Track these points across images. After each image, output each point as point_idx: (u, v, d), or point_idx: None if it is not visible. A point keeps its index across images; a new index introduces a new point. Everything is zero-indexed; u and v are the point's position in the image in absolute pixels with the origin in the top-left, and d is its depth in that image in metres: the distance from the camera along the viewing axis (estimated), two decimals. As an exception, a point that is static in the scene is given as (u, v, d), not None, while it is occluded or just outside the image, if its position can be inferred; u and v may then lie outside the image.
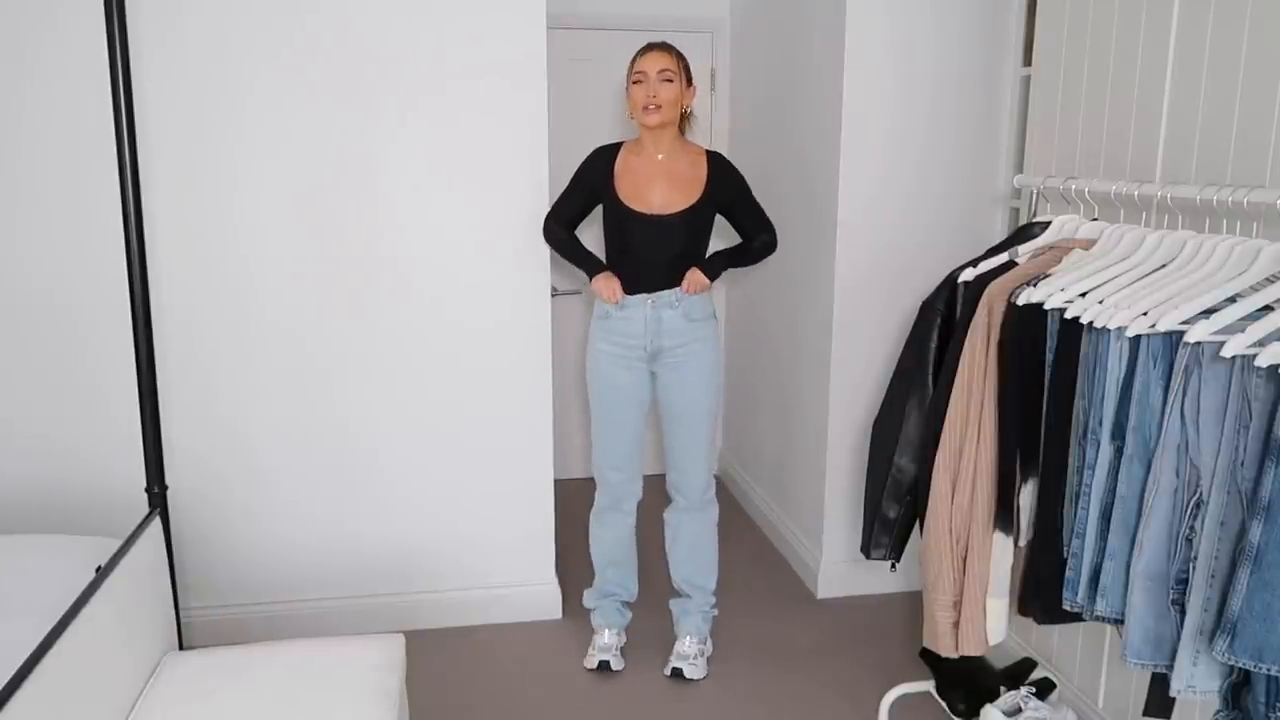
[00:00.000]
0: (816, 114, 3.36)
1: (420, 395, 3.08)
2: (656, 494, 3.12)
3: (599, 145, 2.89)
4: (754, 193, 2.88)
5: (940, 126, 3.20)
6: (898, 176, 3.21)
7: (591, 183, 2.83)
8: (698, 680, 2.93)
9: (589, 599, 3.12)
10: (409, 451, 3.10)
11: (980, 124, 3.22)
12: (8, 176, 2.74)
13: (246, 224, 2.88)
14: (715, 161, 2.80)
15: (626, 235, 2.78)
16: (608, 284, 2.78)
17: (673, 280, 2.76)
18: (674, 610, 3.06)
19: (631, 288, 2.78)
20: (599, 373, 2.88)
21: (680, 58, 2.73)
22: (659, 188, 2.75)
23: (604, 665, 2.96)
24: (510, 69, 2.94)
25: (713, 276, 2.78)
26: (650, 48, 2.72)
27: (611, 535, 3.03)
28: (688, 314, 2.78)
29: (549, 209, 2.95)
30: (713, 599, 3.03)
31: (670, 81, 2.67)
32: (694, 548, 2.98)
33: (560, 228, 2.89)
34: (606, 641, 3.02)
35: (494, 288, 3.06)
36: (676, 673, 2.93)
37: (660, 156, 2.77)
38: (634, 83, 2.70)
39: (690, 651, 2.96)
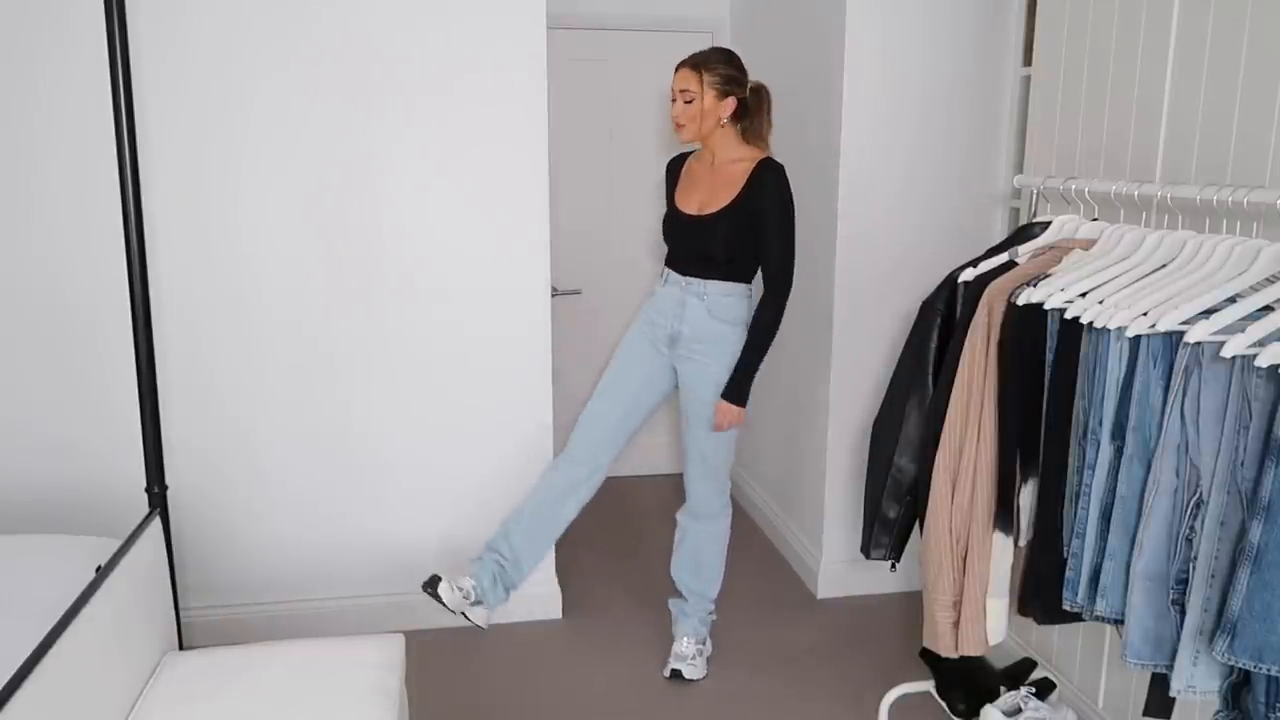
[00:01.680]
0: (816, 114, 3.36)
1: (421, 395, 3.08)
2: (674, 495, 3.10)
3: (673, 155, 2.97)
4: (786, 222, 2.72)
5: (940, 126, 3.20)
6: (897, 176, 3.21)
7: (669, 191, 2.91)
8: (697, 680, 2.93)
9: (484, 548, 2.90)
10: (409, 451, 3.10)
11: (980, 124, 3.22)
12: (11, 177, 2.74)
13: (250, 223, 2.88)
14: (759, 170, 2.70)
15: (673, 232, 2.85)
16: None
17: (709, 274, 2.75)
18: (672, 610, 3.06)
19: (674, 268, 2.84)
20: (625, 341, 2.92)
21: (704, 73, 2.67)
22: (702, 190, 2.79)
23: (433, 578, 2.71)
24: (510, 69, 2.94)
25: (741, 399, 2.73)
26: (679, 66, 2.73)
27: (544, 486, 2.87)
28: (711, 309, 2.75)
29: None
30: (711, 605, 3.02)
31: (690, 102, 2.69)
32: (694, 554, 2.98)
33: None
34: (460, 582, 2.76)
35: (494, 287, 3.06)
36: (676, 674, 2.93)
37: (713, 160, 2.79)
38: (671, 100, 2.75)
39: (688, 652, 2.96)
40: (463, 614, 2.76)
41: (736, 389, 2.73)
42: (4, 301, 2.80)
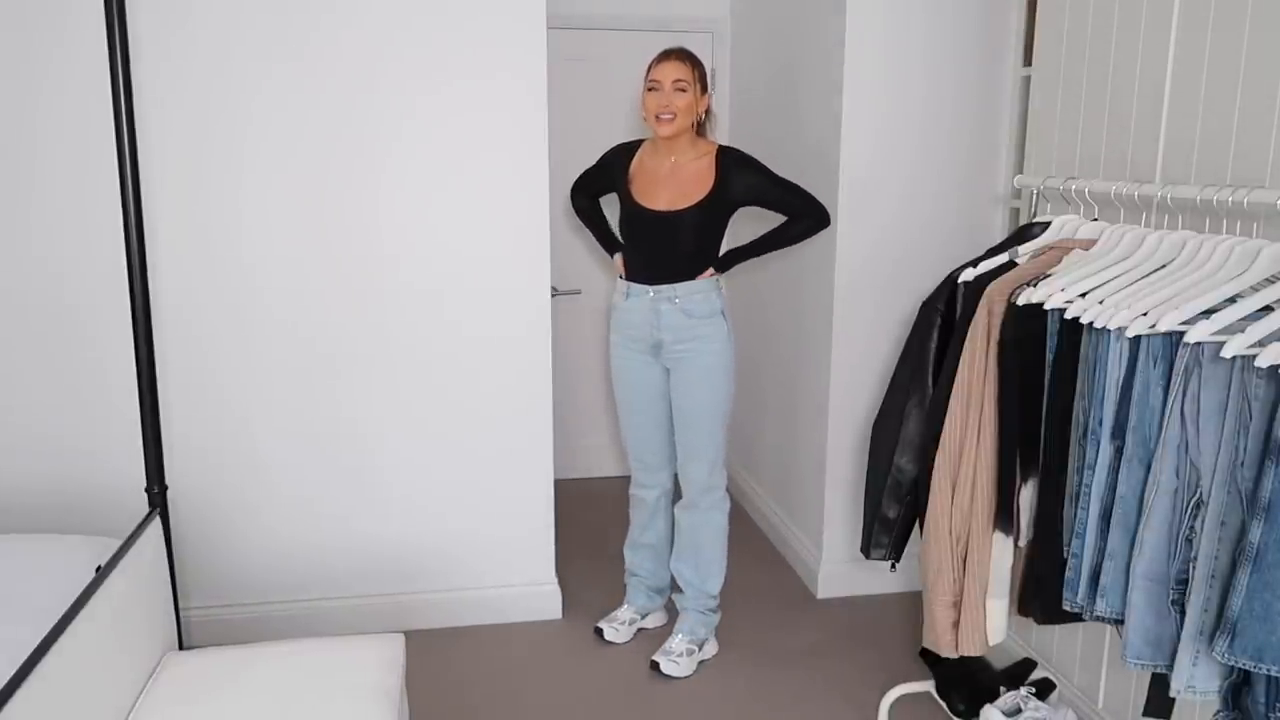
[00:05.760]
0: (816, 114, 3.36)
1: (421, 395, 3.08)
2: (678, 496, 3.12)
3: (621, 141, 3.02)
4: (774, 177, 2.85)
5: (940, 126, 3.20)
6: (897, 177, 3.21)
7: (609, 172, 2.96)
8: (677, 678, 2.92)
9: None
10: (409, 451, 3.10)
11: (980, 124, 3.22)
12: (11, 176, 2.74)
13: (249, 223, 2.88)
14: (725, 158, 2.80)
15: (636, 230, 2.88)
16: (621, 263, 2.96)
17: (676, 275, 2.79)
18: (678, 604, 3.07)
19: (637, 279, 2.86)
20: (614, 361, 3.00)
21: (695, 66, 2.76)
22: (668, 186, 2.81)
23: (598, 631, 3.11)
24: (510, 69, 2.94)
25: (722, 268, 2.87)
26: (667, 55, 2.75)
27: (634, 517, 3.13)
28: (686, 310, 2.80)
29: (575, 180, 3.09)
30: (712, 602, 3.03)
31: (684, 91, 2.71)
32: (692, 545, 2.99)
33: (584, 197, 3.06)
34: (617, 613, 3.15)
35: (494, 288, 3.06)
36: (654, 665, 2.93)
37: (673, 159, 2.82)
38: (648, 89, 2.75)
39: (677, 649, 2.96)
40: (640, 628, 3.17)
41: (724, 261, 2.86)
42: (4, 302, 2.79)
